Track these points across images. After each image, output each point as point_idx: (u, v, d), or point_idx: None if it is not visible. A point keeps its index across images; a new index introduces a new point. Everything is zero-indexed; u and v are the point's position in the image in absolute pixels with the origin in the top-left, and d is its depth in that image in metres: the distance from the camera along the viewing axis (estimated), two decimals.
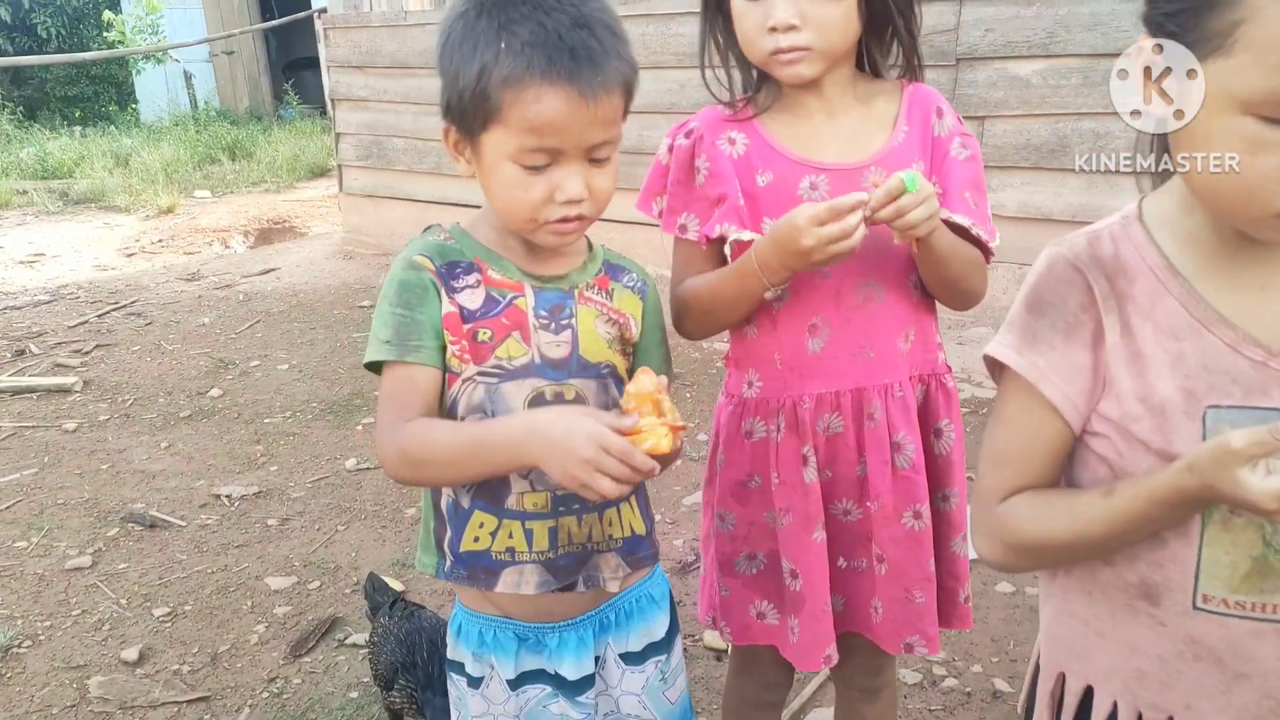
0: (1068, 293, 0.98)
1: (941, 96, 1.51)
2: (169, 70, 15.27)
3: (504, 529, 1.30)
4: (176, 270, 6.78)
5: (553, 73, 1.16)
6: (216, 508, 3.34)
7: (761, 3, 1.36)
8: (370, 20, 6.43)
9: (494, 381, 1.27)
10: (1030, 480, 1.03)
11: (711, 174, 1.46)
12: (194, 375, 4.66)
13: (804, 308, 1.46)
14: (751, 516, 1.55)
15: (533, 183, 1.21)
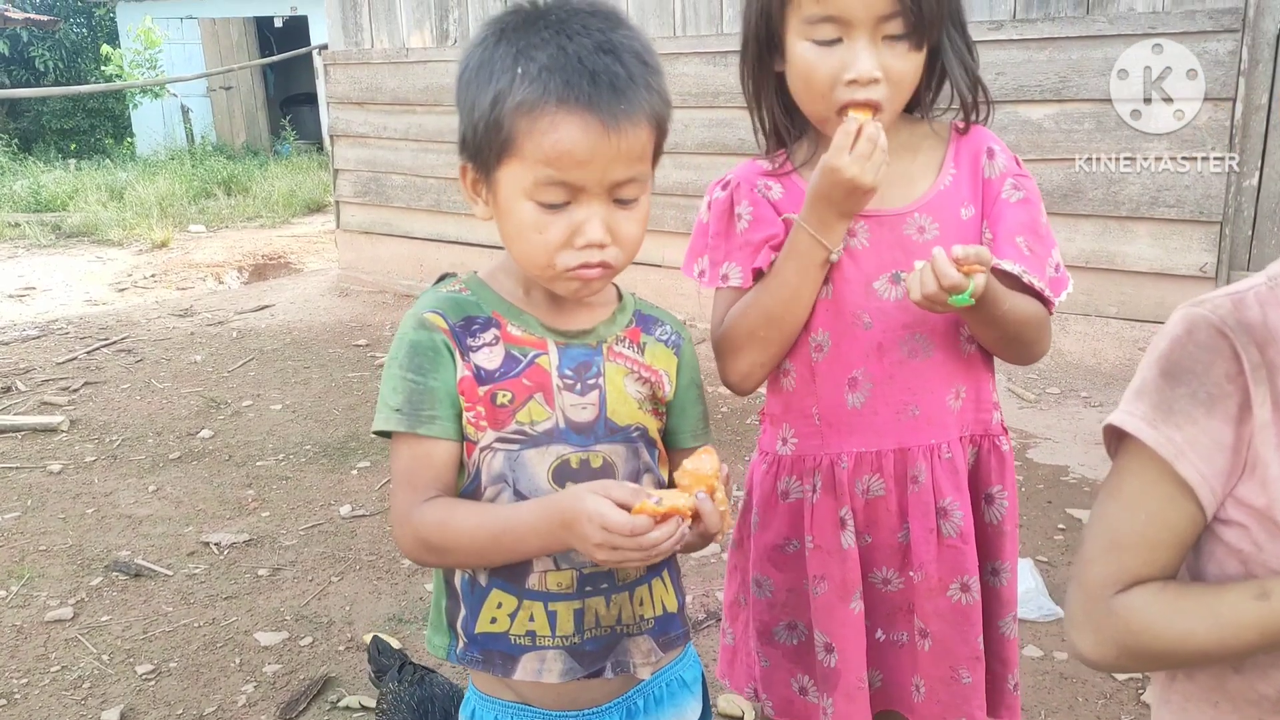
0: (1211, 360, 0.87)
1: (995, 137, 1.41)
2: (166, 104, 15.28)
3: (524, 610, 1.18)
4: (169, 306, 6.68)
5: (570, 98, 1.06)
6: (205, 556, 3.21)
7: (836, 51, 1.26)
8: (371, 57, 6.39)
9: (515, 449, 1.16)
10: (1153, 571, 0.90)
11: (755, 219, 1.38)
12: (184, 415, 4.54)
13: (843, 360, 1.36)
14: (791, 583, 1.45)
15: (550, 223, 1.10)
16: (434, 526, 1.11)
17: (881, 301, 1.34)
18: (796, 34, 1.28)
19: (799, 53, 1.29)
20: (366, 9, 6.38)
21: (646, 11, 5.16)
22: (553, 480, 1.16)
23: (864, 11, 1.23)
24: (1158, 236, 4.02)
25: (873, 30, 1.24)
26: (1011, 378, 4.23)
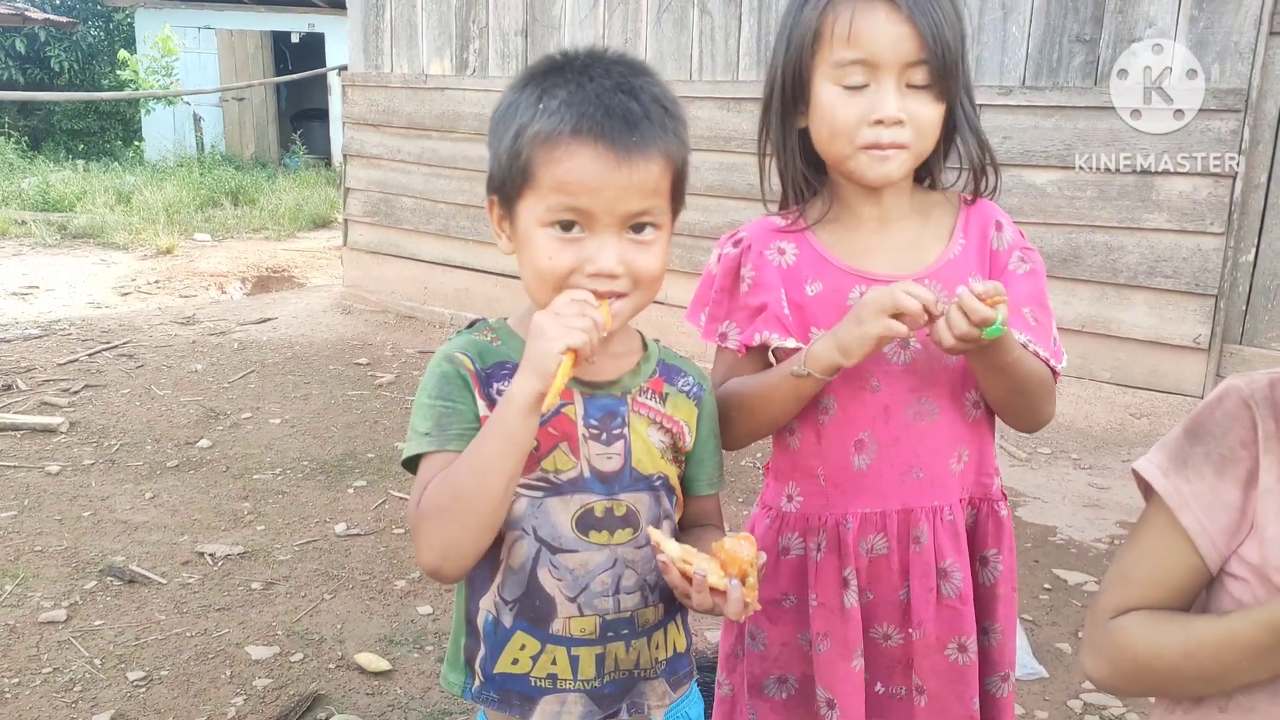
0: (1230, 425, 0.96)
1: (1001, 210, 1.47)
2: (178, 111, 15.39)
3: (547, 654, 1.21)
4: (171, 313, 6.71)
5: (584, 128, 1.11)
6: (199, 566, 3.24)
7: (863, 94, 1.31)
8: (390, 81, 6.48)
9: (539, 496, 1.19)
10: (1150, 605, 1.00)
11: (756, 283, 1.42)
12: (183, 423, 4.56)
13: (851, 422, 1.40)
14: (784, 637, 1.47)
15: (562, 250, 1.14)
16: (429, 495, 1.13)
17: (890, 365, 1.38)
18: (824, 78, 1.33)
19: (826, 96, 1.33)
20: (389, 35, 6.48)
21: (664, 55, 5.27)
22: (576, 528, 1.19)
23: (892, 56, 1.29)
24: (1154, 306, 4.09)
25: (899, 75, 1.30)
26: (1004, 436, 4.28)
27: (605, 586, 1.21)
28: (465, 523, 1.11)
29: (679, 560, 1.12)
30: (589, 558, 1.20)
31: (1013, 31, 4.23)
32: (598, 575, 1.21)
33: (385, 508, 3.71)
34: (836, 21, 1.30)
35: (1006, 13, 4.22)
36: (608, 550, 1.21)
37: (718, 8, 5.05)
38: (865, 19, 1.29)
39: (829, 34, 1.31)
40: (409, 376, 5.32)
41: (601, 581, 1.21)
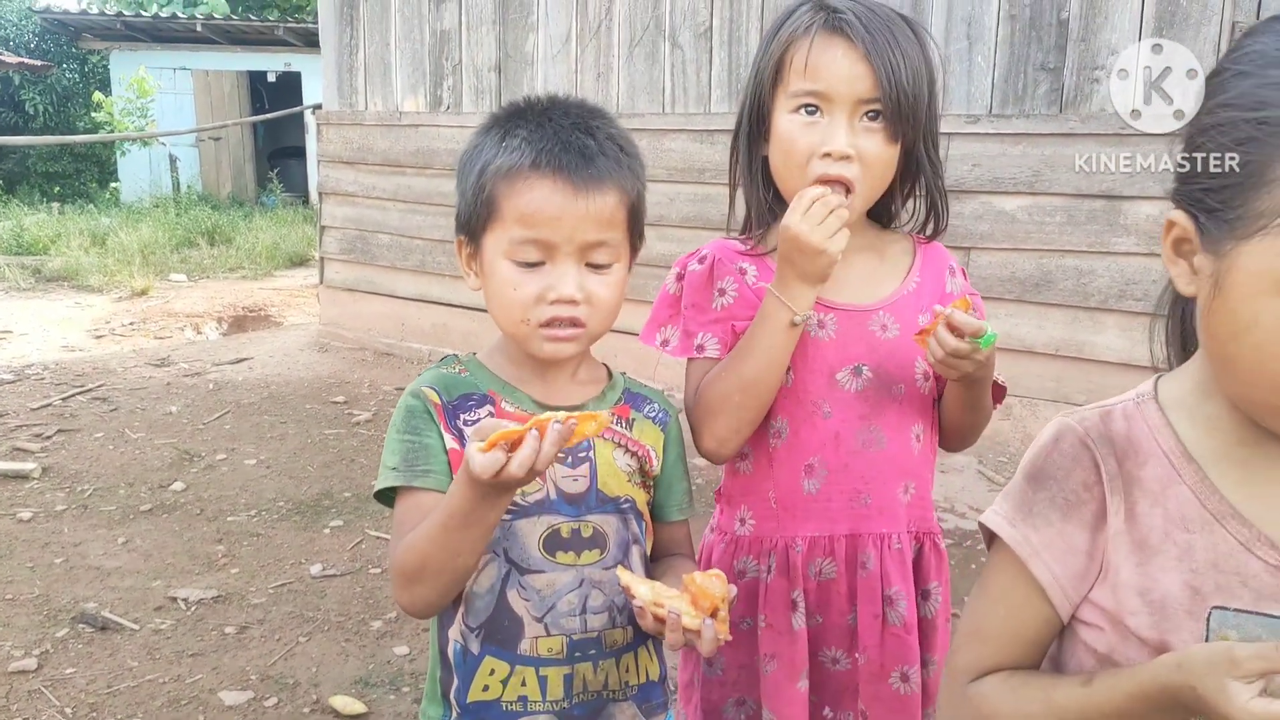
0: (1071, 468, 0.92)
1: (952, 256, 1.54)
2: (153, 152, 15.39)
3: (516, 676, 1.23)
4: (146, 355, 6.67)
5: (542, 162, 1.18)
6: (172, 611, 3.19)
7: (817, 126, 1.34)
8: (364, 118, 6.50)
9: (508, 519, 1.21)
10: (1008, 662, 0.96)
11: (740, 297, 1.44)
12: (157, 466, 4.52)
13: (802, 447, 1.43)
14: (742, 660, 1.49)
15: (525, 280, 1.19)
16: (401, 552, 1.16)
17: (843, 392, 1.41)
18: (782, 108, 1.37)
19: (783, 125, 1.37)
20: (362, 73, 6.50)
21: (637, 88, 5.31)
22: (543, 549, 1.22)
23: (846, 91, 1.32)
24: (1125, 328, 4.13)
25: (851, 111, 1.33)
26: (983, 460, 4.30)
27: (572, 606, 1.23)
28: (437, 585, 1.17)
29: (651, 603, 1.14)
30: (555, 578, 1.23)
31: (978, 61, 4.29)
32: (564, 595, 1.23)
33: (361, 547, 3.68)
34: (795, 54, 1.35)
35: (972, 42, 4.28)
36: (574, 571, 1.24)
37: (688, 42, 5.10)
38: (821, 53, 1.33)
39: (789, 66, 1.36)
40: (386, 414, 5.29)
41: (568, 601, 1.23)
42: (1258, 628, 0.85)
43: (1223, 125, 0.84)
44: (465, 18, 5.94)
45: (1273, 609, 0.85)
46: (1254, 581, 0.86)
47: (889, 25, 1.34)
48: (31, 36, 16.30)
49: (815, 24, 1.34)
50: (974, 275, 4.27)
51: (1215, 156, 0.83)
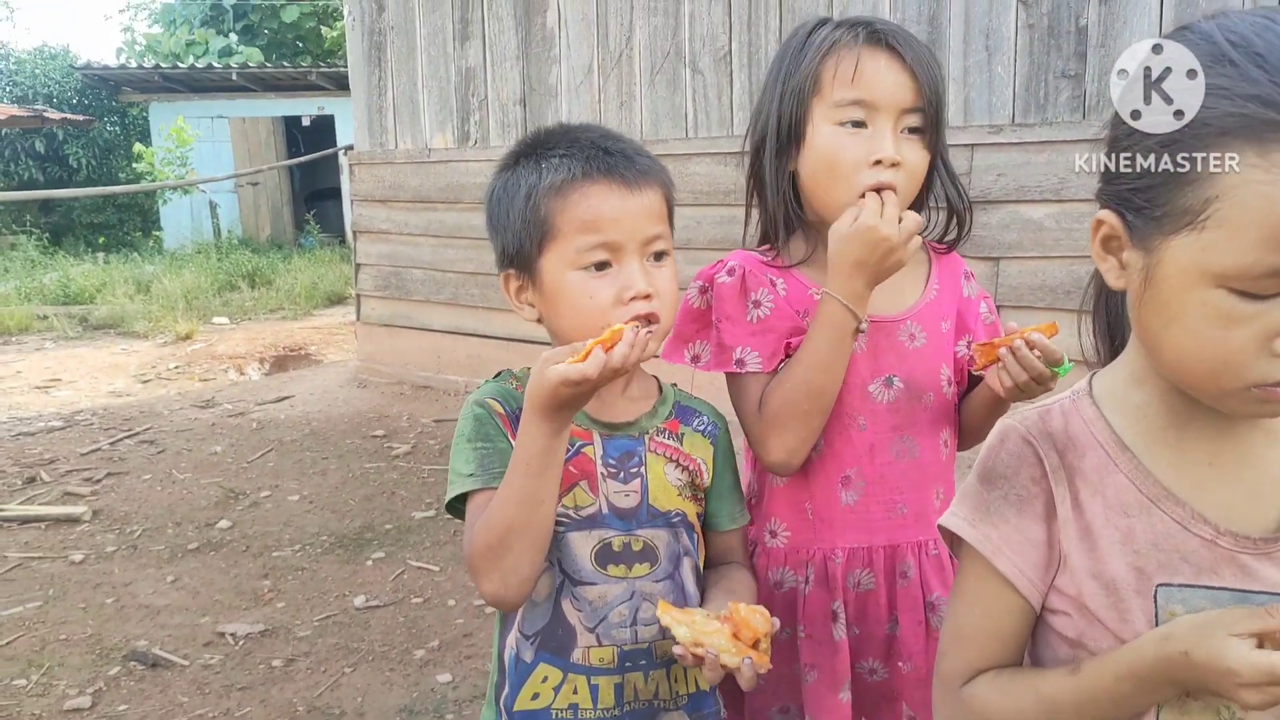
0: (1019, 465, 0.97)
1: (965, 262, 1.56)
2: (194, 199, 15.72)
3: (569, 684, 1.26)
4: (191, 397, 6.80)
5: (593, 170, 1.23)
6: (220, 646, 3.25)
7: (863, 136, 1.37)
8: (395, 157, 6.62)
9: (560, 530, 1.24)
10: (992, 660, 0.99)
11: (777, 308, 1.44)
12: (203, 505, 4.61)
13: (838, 459, 1.44)
14: (781, 671, 1.49)
15: (599, 287, 1.22)
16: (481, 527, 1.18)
17: (875, 404, 1.42)
18: (823, 119, 1.39)
19: (825, 136, 1.38)
20: (391, 113, 6.63)
21: (660, 115, 5.37)
22: (595, 562, 1.25)
23: (891, 99, 1.36)
24: None
25: (895, 119, 1.37)
26: None
27: (623, 618, 1.26)
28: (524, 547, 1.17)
29: (691, 644, 1.16)
30: (607, 590, 1.26)
31: (999, 71, 4.29)
32: (615, 607, 1.26)
33: (404, 578, 3.72)
34: (840, 65, 1.37)
35: (991, 53, 4.29)
36: (625, 583, 1.27)
37: (708, 67, 5.16)
38: (868, 62, 1.36)
39: (830, 77, 1.38)
40: (425, 446, 5.36)
41: (619, 613, 1.26)
42: (1202, 600, 0.90)
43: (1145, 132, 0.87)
44: (489, 54, 6.05)
45: (1212, 581, 0.91)
46: (1193, 557, 0.91)
47: (918, 39, 1.39)
48: (73, 93, 16.78)
49: (858, 37, 1.38)
50: (1004, 285, 4.26)
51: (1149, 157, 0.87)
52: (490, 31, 6.02)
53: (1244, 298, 0.81)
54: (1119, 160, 0.90)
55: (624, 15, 5.42)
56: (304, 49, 18.78)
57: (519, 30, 5.87)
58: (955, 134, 4.29)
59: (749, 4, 4.96)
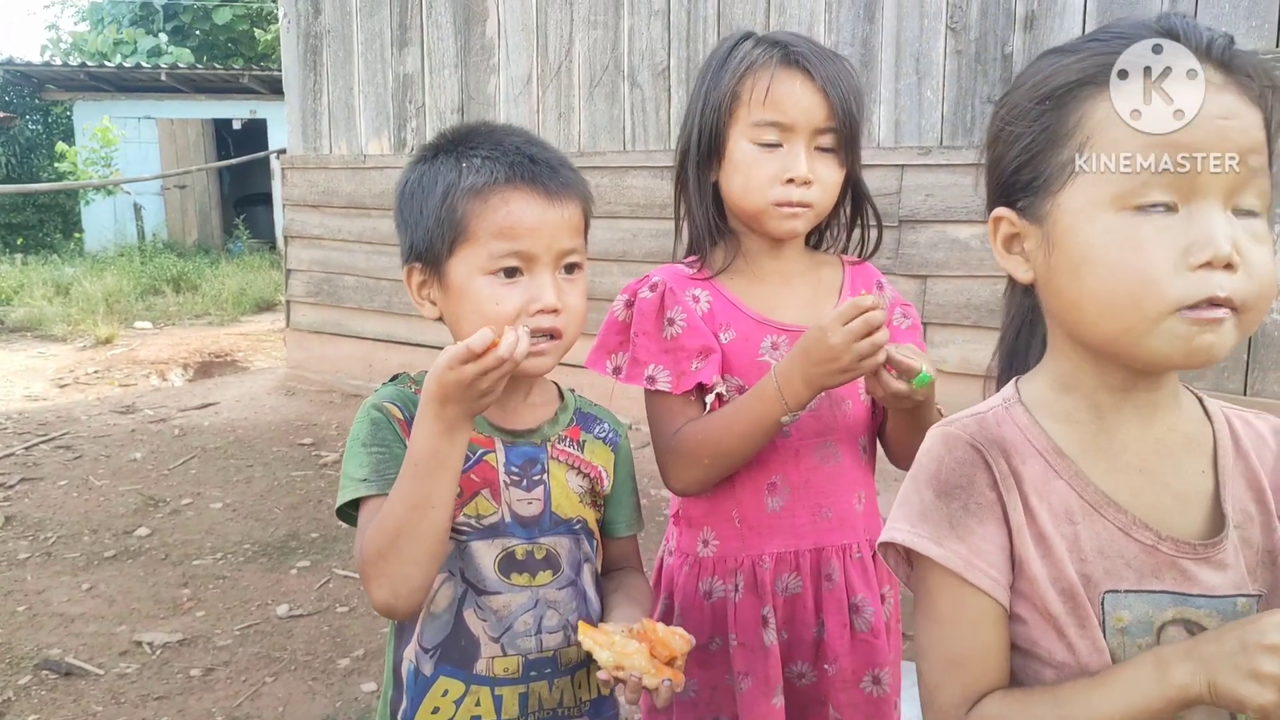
0: (972, 473, 0.94)
1: (879, 272, 1.60)
2: (118, 202, 15.32)
3: (471, 696, 1.23)
4: (111, 403, 6.62)
5: (516, 177, 1.21)
6: (137, 655, 3.16)
7: (776, 154, 1.42)
8: (329, 162, 6.54)
9: (463, 539, 1.23)
10: (992, 677, 0.93)
11: (690, 326, 1.47)
12: (122, 513, 4.48)
13: (763, 467, 1.46)
14: (714, 681, 1.51)
15: (507, 294, 1.20)
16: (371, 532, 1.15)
17: None
18: (741, 135, 1.43)
19: (742, 152, 1.43)
20: (326, 117, 6.55)
21: (598, 127, 5.39)
22: (498, 571, 1.23)
23: (804, 120, 1.41)
24: None
25: (809, 139, 1.41)
26: None
27: (528, 627, 1.24)
28: (414, 553, 1.13)
29: (612, 668, 1.16)
30: (511, 599, 1.24)
31: (928, 95, 4.40)
32: (520, 616, 1.24)
33: (329, 587, 3.66)
34: (755, 86, 1.41)
35: (921, 77, 4.40)
36: (529, 592, 1.25)
37: (647, 81, 5.20)
38: (782, 85, 1.40)
39: (748, 96, 1.42)
40: None
41: (524, 622, 1.24)
42: (1145, 605, 0.91)
43: (1015, 118, 0.94)
44: (428, 61, 6.02)
45: (1154, 585, 0.91)
46: (1135, 562, 0.91)
47: (834, 59, 1.43)
48: None
49: (773, 58, 1.42)
50: (931, 303, 4.35)
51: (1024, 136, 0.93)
52: (429, 38, 5.99)
53: (1145, 212, 0.85)
54: (1000, 149, 0.96)
55: (564, 27, 5.44)
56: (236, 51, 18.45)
57: (458, 38, 5.85)
58: (887, 154, 4.39)
59: (688, 20, 5.02)
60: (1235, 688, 0.79)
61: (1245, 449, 0.98)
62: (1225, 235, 0.83)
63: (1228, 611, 0.91)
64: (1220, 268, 0.83)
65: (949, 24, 4.24)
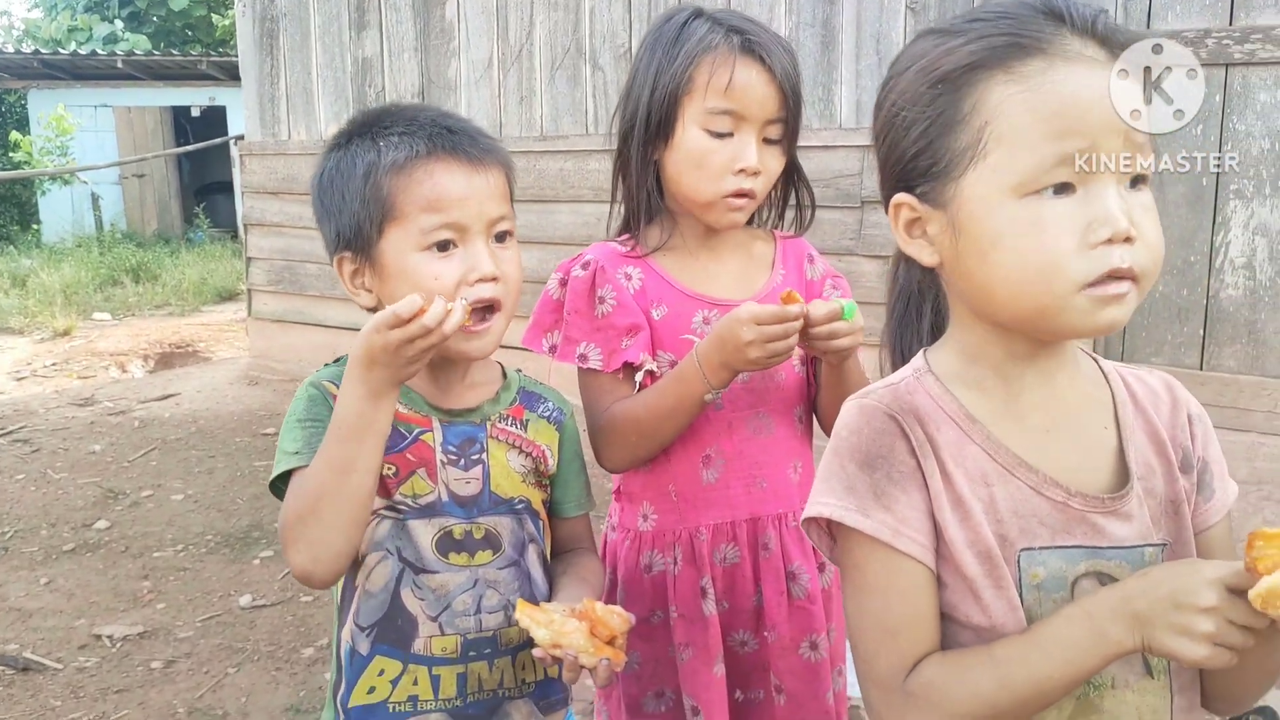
0: (892, 442, 0.95)
1: (810, 245, 1.61)
2: (75, 191, 15.05)
3: (408, 675, 1.22)
4: (69, 395, 6.51)
5: (437, 148, 1.19)
6: (97, 649, 3.12)
7: (729, 144, 1.42)
8: (288, 148, 6.45)
9: (400, 518, 1.22)
10: (926, 643, 0.94)
11: (620, 304, 1.48)
12: (80, 506, 4.42)
13: (698, 439, 1.48)
14: (657, 654, 1.52)
15: (444, 268, 1.19)
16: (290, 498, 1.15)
17: (732, 384, 1.45)
18: (693, 121, 1.43)
19: (693, 139, 1.43)
20: (285, 103, 6.47)
21: (560, 111, 5.36)
22: (436, 550, 1.22)
23: (758, 112, 1.41)
24: None
25: (760, 129, 1.42)
26: None
27: (466, 606, 1.24)
28: (334, 518, 1.13)
29: (549, 646, 1.15)
30: (449, 579, 1.23)
31: None
32: (459, 595, 1.24)
33: (292, 576, 3.63)
34: (714, 73, 1.40)
35: (882, 58, 4.39)
36: (468, 571, 1.24)
37: (609, 64, 5.17)
38: (741, 74, 1.40)
39: (704, 82, 1.41)
40: None
41: (462, 601, 1.24)
42: (1058, 560, 0.94)
43: (908, 104, 0.94)
44: (387, 45, 5.95)
45: (1066, 541, 0.94)
46: (1049, 520, 0.94)
47: (784, 47, 1.44)
48: None
49: (733, 46, 1.41)
50: None
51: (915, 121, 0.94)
52: (388, 21, 5.92)
53: (1048, 195, 0.86)
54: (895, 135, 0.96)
55: (524, 9, 5.39)
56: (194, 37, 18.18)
57: (417, 21, 5.79)
58: (849, 135, 4.39)
59: (649, 1, 4.99)
60: (1169, 644, 0.83)
61: (1143, 404, 1.02)
62: (1122, 211, 0.86)
63: (1136, 561, 0.95)
64: (1120, 242, 0.86)
65: (909, 5, 4.24)
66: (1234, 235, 3.68)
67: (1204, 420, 1.04)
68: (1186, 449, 1.02)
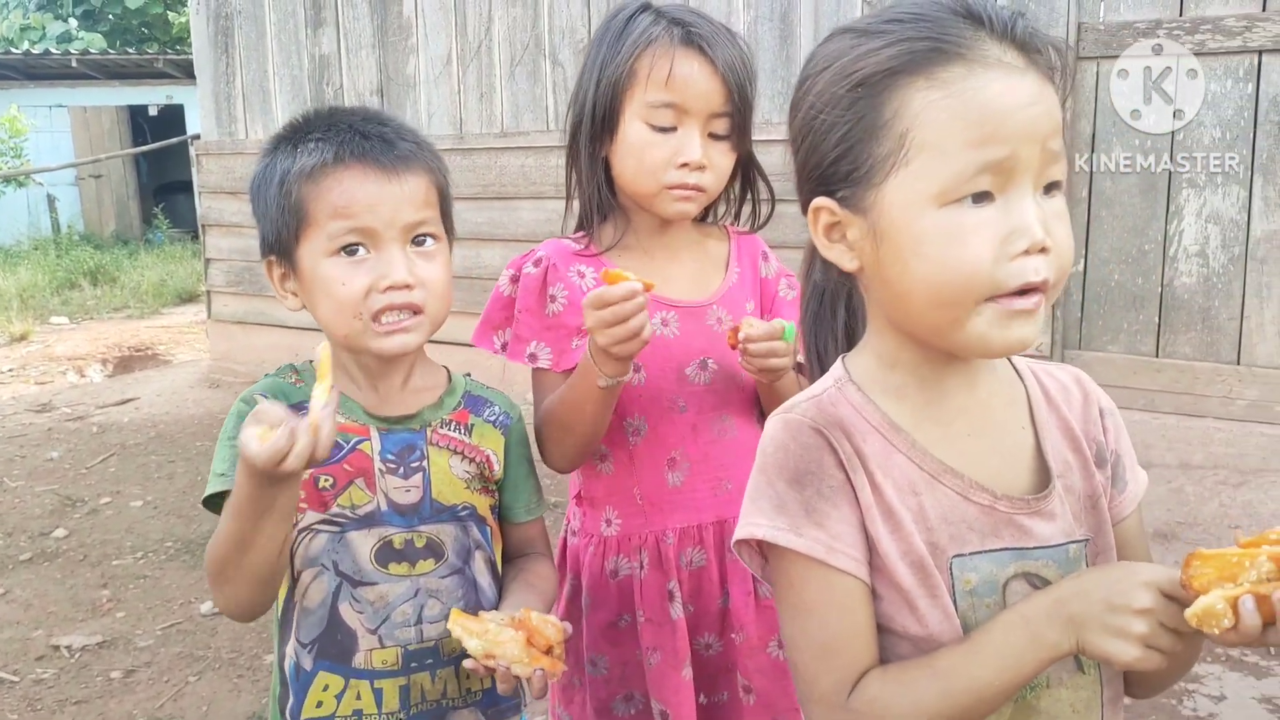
0: (820, 457, 0.94)
1: (763, 242, 1.60)
2: (30, 193, 14.79)
3: (351, 690, 1.21)
4: (25, 401, 6.41)
5: (345, 155, 1.18)
6: (55, 660, 3.07)
7: (671, 138, 1.40)
8: (245, 147, 6.37)
9: (338, 530, 1.20)
10: (866, 658, 0.93)
11: (571, 303, 1.46)
12: (37, 514, 4.35)
13: (662, 442, 1.47)
14: (625, 658, 1.51)
15: (353, 275, 1.17)
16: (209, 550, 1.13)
17: (693, 386, 1.45)
18: (635, 115, 1.41)
19: (635, 133, 1.41)
20: (241, 101, 6.38)
21: (521, 107, 5.33)
22: (375, 561, 1.20)
23: (701, 105, 1.39)
24: None
25: (704, 123, 1.40)
26: None
27: (406, 617, 1.22)
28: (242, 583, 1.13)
29: (482, 656, 1.14)
30: (388, 589, 1.22)
31: None
32: (398, 606, 1.22)
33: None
34: (654, 66, 1.39)
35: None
36: (409, 581, 1.23)
37: (568, 59, 5.14)
38: (681, 66, 1.38)
39: (645, 75, 1.39)
40: None
41: (402, 612, 1.22)
42: (988, 564, 0.94)
43: (826, 106, 0.92)
44: (344, 42, 5.89)
45: (994, 544, 0.94)
46: (976, 524, 0.94)
47: (730, 39, 1.42)
48: None
49: (674, 38, 1.39)
50: None
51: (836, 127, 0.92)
52: (345, 18, 5.86)
53: (964, 204, 0.86)
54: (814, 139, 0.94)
55: (482, 5, 5.35)
56: (150, 35, 17.90)
57: (374, 17, 5.73)
58: None
59: None
60: (1103, 646, 0.83)
61: (1055, 400, 1.02)
62: (1039, 221, 0.86)
63: (1061, 559, 0.95)
64: (1035, 253, 0.86)
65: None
66: (1187, 224, 3.73)
67: (1114, 414, 1.05)
68: (1100, 443, 1.02)
